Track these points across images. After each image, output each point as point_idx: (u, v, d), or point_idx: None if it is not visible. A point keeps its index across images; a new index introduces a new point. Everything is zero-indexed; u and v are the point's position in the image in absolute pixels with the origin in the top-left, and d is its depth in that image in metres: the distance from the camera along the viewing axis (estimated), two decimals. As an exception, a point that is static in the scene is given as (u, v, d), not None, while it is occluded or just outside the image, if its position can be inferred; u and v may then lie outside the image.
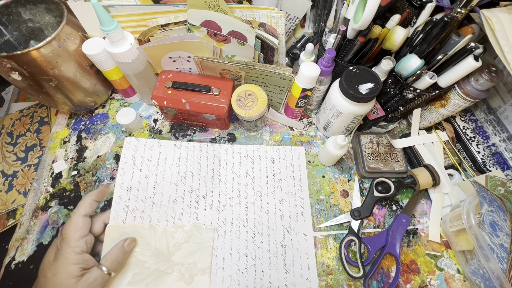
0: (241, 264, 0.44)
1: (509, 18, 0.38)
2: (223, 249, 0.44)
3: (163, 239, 0.43)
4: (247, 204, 0.48)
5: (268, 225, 0.46)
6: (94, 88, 0.54)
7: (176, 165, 0.49)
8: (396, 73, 0.47)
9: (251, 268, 0.43)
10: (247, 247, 0.45)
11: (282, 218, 0.47)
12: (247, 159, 0.52)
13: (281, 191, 0.49)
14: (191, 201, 0.47)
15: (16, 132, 0.60)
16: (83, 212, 0.38)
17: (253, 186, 0.50)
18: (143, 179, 0.47)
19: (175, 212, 0.46)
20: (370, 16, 0.39)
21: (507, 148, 0.49)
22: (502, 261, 0.37)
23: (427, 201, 0.50)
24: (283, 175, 0.51)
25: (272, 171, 0.51)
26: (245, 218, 0.47)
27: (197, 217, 0.46)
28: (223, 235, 0.45)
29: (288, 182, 0.50)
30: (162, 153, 0.50)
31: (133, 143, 0.49)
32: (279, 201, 0.48)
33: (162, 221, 0.45)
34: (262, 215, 0.47)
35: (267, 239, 0.45)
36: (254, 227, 0.46)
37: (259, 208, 0.48)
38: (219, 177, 0.50)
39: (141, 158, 0.48)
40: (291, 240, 0.45)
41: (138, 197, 0.45)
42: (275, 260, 0.44)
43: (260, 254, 0.44)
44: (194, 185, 0.48)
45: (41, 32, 0.54)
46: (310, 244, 0.45)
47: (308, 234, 0.46)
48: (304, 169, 0.52)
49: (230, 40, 0.46)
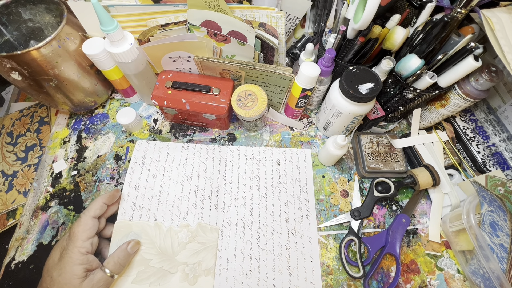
0: (245, 265, 0.43)
1: (509, 18, 0.38)
2: (227, 250, 0.44)
3: (168, 238, 0.44)
4: (252, 205, 0.48)
5: (272, 227, 0.46)
6: (94, 88, 0.54)
7: (183, 166, 0.51)
8: (396, 73, 0.47)
9: (255, 269, 0.43)
10: (251, 249, 0.44)
11: (287, 221, 0.47)
12: (253, 161, 0.52)
13: (286, 193, 0.49)
14: (196, 200, 0.47)
15: (16, 132, 0.60)
16: (93, 213, 0.39)
17: (258, 188, 0.49)
18: (150, 178, 0.49)
19: (180, 211, 0.46)
20: (370, 16, 0.39)
21: (507, 148, 0.49)
22: (502, 261, 0.37)
23: (427, 201, 0.50)
24: (289, 177, 0.50)
25: (277, 173, 0.51)
26: (249, 220, 0.47)
27: (202, 217, 0.46)
28: (228, 236, 0.45)
29: (294, 184, 0.50)
30: (170, 154, 0.52)
31: (144, 145, 0.52)
32: (284, 203, 0.48)
33: (167, 220, 0.45)
34: (267, 217, 0.47)
35: (271, 241, 0.45)
36: (259, 229, 0.46)
37: (264, 210, 0.48)
38: (224, 178, 0.50)
39: (150, 159, 0.51)
40: (295, 243, 0.45)
41: (145, 195, 0.47)
42: (279, 263, 0.44)
43: (264, 256, 0.44)
44: (199, 185, 0.49)
45: (41, 32, 0.54)
46: (315, 247, 0.45)
47: (313, 237, 0.46)
48: (310, 172, 0.51)
49: (230, 40, 0.46)
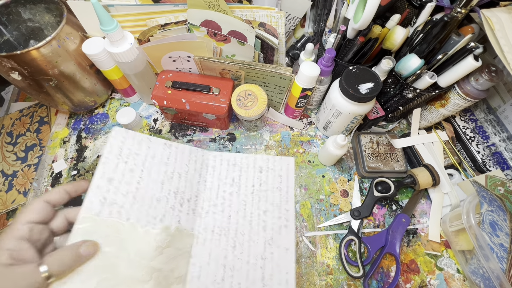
0: (218, 274, 0.42)
1: (509, 18, 0.38)
2: (201, 257, 0.42)
3: (143, 241, 0.38)
4: (231, 212, 0.46)
5: (250, 236, 0.44)
6: (94, 87, 0.54)
7: (164, 164, 0.46)
8: (396, 73, 0.46)
9: (228, 279, 0.41)
10: (226, 257, 0.43)
11: (264, 230, 0.45)
12: (235, 167, 0.50)
13: (266, 201, 0.47)
14: (175, 203, 0.44)
15: (16, 132, 0.60)
16: (46, 198, 0.32)
17: (238, 195, 0.48)
18: (127, 172, 0.42)
19: (157, 212, 0.42)
20: (370, 16, 0.39)
21: (507, 148, 0.49)
22: (502, 261, 0.37)
23: (427, 201, 0.50)
24: (270, 186, 0.49)
25: (259, 180, 0.49)
26: (227, 227, 0.45)
27: (180, 220, 0.43)
28: (203, 243, 0.43)
29: (274, 193, 0.48)
30: (151, 149, 0.46)
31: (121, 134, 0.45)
32: (263, 212, 0.46)
33: (142, 220, 0.40)
34: (245, 225, 0.45)
35: (247, 251, 0.43)
36: (236, 237, 0.44)
37: (242, 218, 0.46)
38: (205, 183, 0.48)
39: (128, 151, 0.44)
40: (271, 253, 0.43)
41: (119, 190, 0.40)
42: (253, 273, 0.42)
43: (239, 265, 0.42)
44: (180, 187, 0.46)
45: (41, 32, 0.54)
46: (291, 259, 0.43)
47: (290, 248, 0.44)
48: (292, 181, 0.49)
49: (230, 40, 0.46)
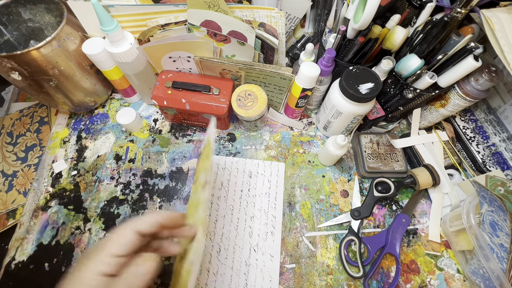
0: (202, 279, 0.42)
1: (509, 18, 0.38)
2: None
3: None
4: (217, 217, 0.46)
5: (235, 241, 0.44)
6: (94, 88, 0.54)
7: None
8: (396, 73, 0.46)
9: (211, 284, 0.42)
10: (210, 262, 0.43)
11: (250, 236, 0.45)
12: (224, 171, 0.50)
13: (253, 207, 0.47)
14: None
15: (16, 132, 0.60)
16: (137, 227, 0.26)
17: (226, 199, 0.48)
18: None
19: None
20: (370, 16, 0.39)
21: (507, 148, 0.49)
22: (502, 261, 0.37)
23: (427, 201, 0.50)
24: (258, 191, 0.48)
25: (248, 185, 0.49)
26: (212, 231, 0.45)
27: None
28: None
29: (263, 199, 0.48)
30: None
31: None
32: (250, 218, 0.46)
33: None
34: (231, 230, 0.45)
35: (232, 256, 0.43)
36: (221, 242, 0.44)
37: (228, 223, 0.46)
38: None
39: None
40: (256, 260, 0.43)
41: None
42: (237, 279, 0.42)
43: (223, 270, 0.42)
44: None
45: (41, 32, 0.54)
46: (276, 267, 0.43)
47: (275, 255, 0.44)
48: (281, 187, 0.49)
49: (230, 40, 0.46)
